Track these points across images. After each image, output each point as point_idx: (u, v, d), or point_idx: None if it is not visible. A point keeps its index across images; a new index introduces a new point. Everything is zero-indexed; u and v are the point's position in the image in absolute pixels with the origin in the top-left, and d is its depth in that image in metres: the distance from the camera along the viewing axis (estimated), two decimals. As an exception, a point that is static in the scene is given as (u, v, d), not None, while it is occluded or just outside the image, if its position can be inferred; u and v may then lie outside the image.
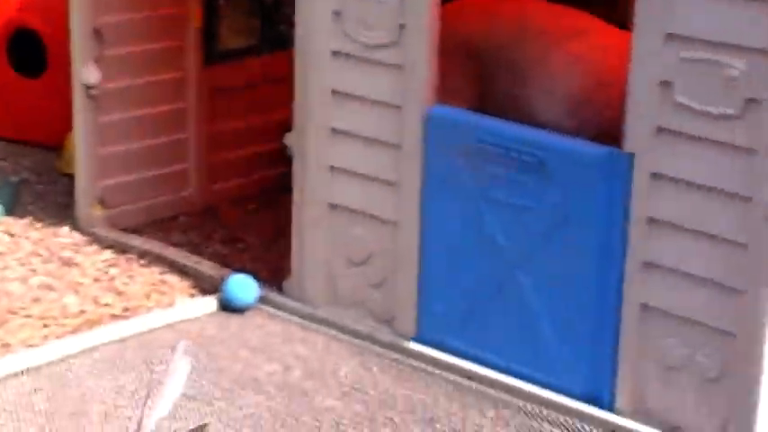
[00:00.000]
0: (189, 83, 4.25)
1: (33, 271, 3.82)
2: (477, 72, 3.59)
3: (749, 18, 2.67)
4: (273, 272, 3.87)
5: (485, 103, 3.53)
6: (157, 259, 3.92)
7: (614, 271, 3.01)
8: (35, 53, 4.72)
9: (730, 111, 2.73)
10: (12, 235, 4.06)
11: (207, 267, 3.86)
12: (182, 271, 3.86)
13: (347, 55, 3.39)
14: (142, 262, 3.91)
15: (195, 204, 4.33)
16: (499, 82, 3.54)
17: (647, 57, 2.83)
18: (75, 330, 3.47)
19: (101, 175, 4.10)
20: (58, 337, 3.43)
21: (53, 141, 4.65)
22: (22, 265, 3.85)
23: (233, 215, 4.22)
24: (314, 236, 3.57)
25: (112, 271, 3.86)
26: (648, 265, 2.95)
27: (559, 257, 3.09)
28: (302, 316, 3.60)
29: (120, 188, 4.15)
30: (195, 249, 4.02)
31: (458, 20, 3.57)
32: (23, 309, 3.58)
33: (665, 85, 2.82)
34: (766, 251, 2.74)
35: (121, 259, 3.93)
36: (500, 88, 3.55)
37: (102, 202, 4.12)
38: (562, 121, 3.37)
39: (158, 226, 4.18)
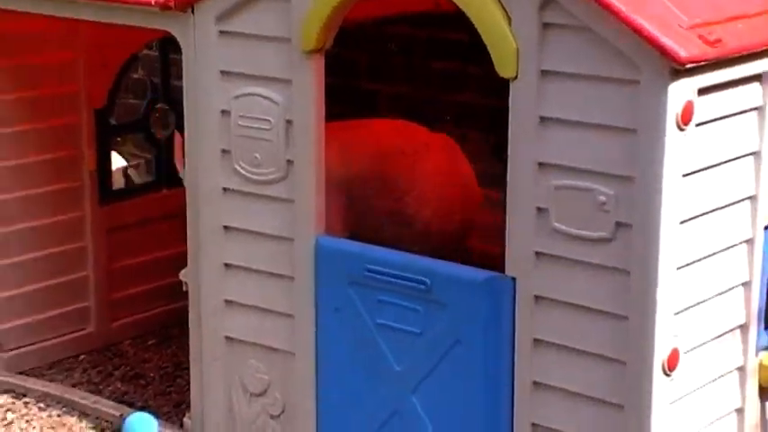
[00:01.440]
0: (86, 222, 4.22)
1: (-71, 420, 3.72)
2: (344, 200, 3.65)
3: (615, 147, 2.74)
4: (176, 407, 3.81)
5: (364, 224, 3.63)
6: (57, 401, 3.84)
7: (504, 391, 3.01)
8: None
9: (603, 234, 2.78)
10: None
11: (107, 406, 3.79)
12: (82, 412, 3.78)
13: (237, 191, 3.40)
14: (41, 405, 3.83)
15: (96, 342, 4.27)
16: (372, 200, 3.71)
17: (522, 185, 2.88)
18: (-28, 480, 3.37)
19: (-2, 318, 4.04)
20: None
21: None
22: None
23: None
24: (211, 370, 3.53)
25: (10, 416, 3.76)
26: (537, 385, 2.96)
27: (451, 380, 3.09)
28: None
29: (18, 330, 4.08)
30: (95, 388, 3.95)
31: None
32: None
33: (542, 211, 2.87)
34: (643, 368, 2.76)
35: (19, 404, 3.84)
36: (376, 205, 3.70)
37: (0, 346, 4.03)
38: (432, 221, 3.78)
39: (59, 366, 4.10)
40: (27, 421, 3.74)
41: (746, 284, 3.01)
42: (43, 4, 3.67)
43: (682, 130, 2.68)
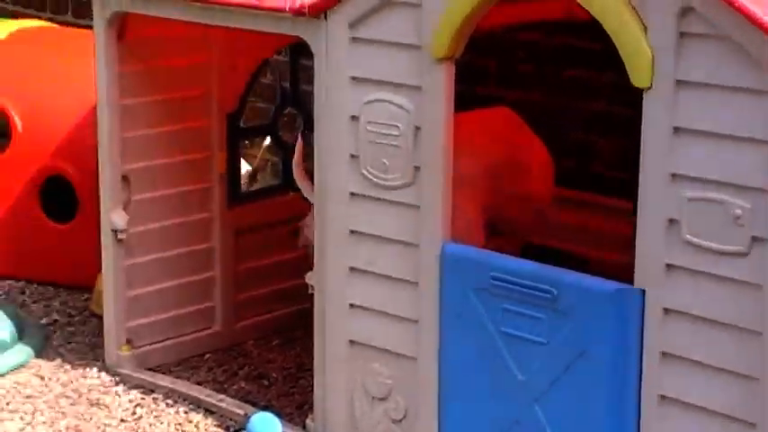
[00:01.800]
0: (214, 223, 4.28)
1: (63, 414, 3.80)
2: (480, 195, 3.72)
3: (751, 159, 2.67)
4: (298, 408, 3.84)
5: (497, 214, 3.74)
6: (183, 398, 3.90)
7: (630, 404, 2.96)
8: (66, 199, 4.77)
9: (737, 248, 2.71)
10: (41, 377, 4.04)
11: (231, 405, 3.83)
12: (207, 409, 3.84)
13: (364, 196, 3.41)
14: (168, 401, 3.89)
15: (221, 342, 4.32)
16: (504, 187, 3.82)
17: (654, 196, 2.83)
18: (101, 472, 3.45)
19: (128, 315, 4.11)
20: (84, 480, 3.40)
21: (83, 282, 4.67)
22: (51, 407, 3.83)
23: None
24: (335, 373, 3.55)
25: (139, 411, 3.83)
26: (663, 399, 2.90)
27: (575, 391, 3.05)
28: (325, 453, 3.56)
29: (147, 328, 4.15)
30: (220, 387, 4.00)
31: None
32: (49, 452, 3.57)
33: (673, 223, 2.81)
34: (778, 386, 2.70)
35: (148, 399, 3.91)
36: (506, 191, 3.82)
37: (130, 342, 4.11)
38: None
39: (185, 364, 4.16)
40: (155, 417, 3.80)
41: None
42: (178, 9, 3.74)
43: (821, 143, 2.61)
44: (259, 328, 4.41)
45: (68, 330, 4.44)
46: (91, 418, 3.76)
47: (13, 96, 4.79)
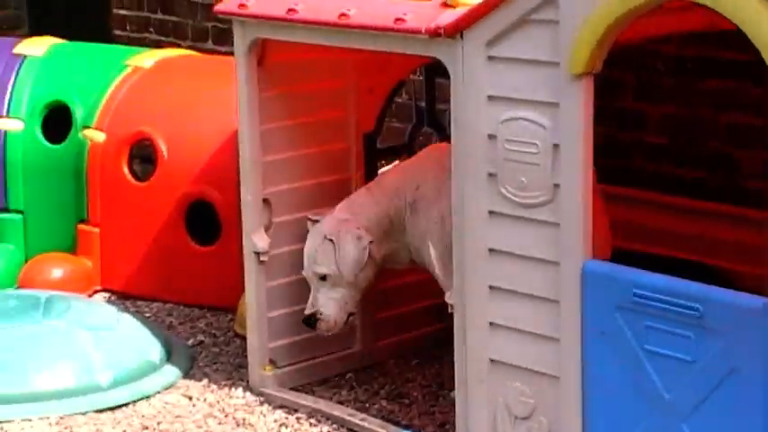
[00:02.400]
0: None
1: (210, 433, 3.86)
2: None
3: None
4: (439, 427, 3.81)
5: None
6: (326, 417, 3.91)
7: (784, 423, 2.86)
8: (210, 223, 4.85)
9: None
10: (189, 398, 4.11)
11: (373, 424, 3.83)
12: (350, 429, 3.84)
13: (503, 214, 3.38)
14: (312, 421, 3.91)
15: (362, 361, 4.33)
16: None
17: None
18: (248, 491, 3.48)
19: (271, 336, 4.15)
20: (233, 499, 3.44)
21: (227, 304, 4.74)
22: (199, 427, 3.89)
23: None
24: (476, 392, 3.52)
25: (284, 431, 3.86)
26: (819, 417, 2.80)
27: (726, 410, 2.96)
28: (468, 472, 3.52)
29: (289, 348, 4.18)
30: (362, 406, 4.00)
31: None
32: (198, 471, 3.61)
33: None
34: None
35: (292, 419, 3.93)
36: None
37: (273, 363, 4.15)
38: None
39: (327, 384, 4.17)
40: (299, 436, 3.83)
41: None
42: (316, 34, 3.77)
43: None
44: (399, 347, 4.40)
45: (213, 351, 4.51)
46: (237, 438, 3.82)
47: (159, 124, 4.90)
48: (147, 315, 4.78)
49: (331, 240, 3.87)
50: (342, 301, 3.90)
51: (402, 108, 4.96)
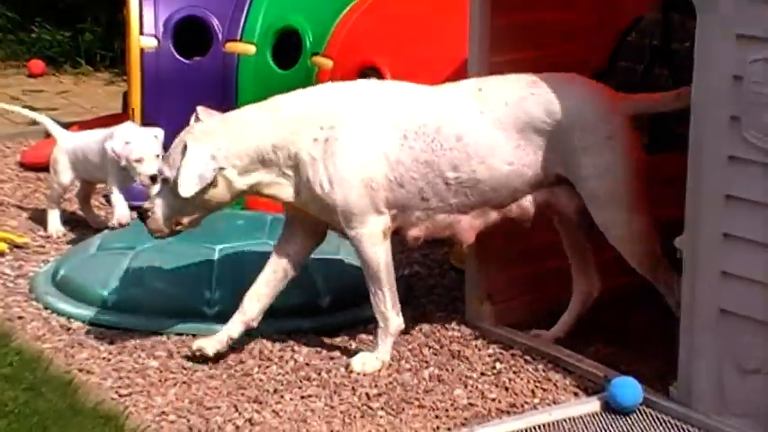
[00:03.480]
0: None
1: (425, 363, 3.82)
2: None
3: None
4: (658, 375, 3.68)
5: None
6: (541, 356, 3.83)
7: None
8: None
9: None
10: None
11: (590, 366, 3.73)
12: (565, 369, 3.76)
13: (744, 160, 3.20)
14: (527, 358, 3.84)
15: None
16: None
17: None
18: (463, 423, 3.43)
19: (489, 270, 4.08)
20: (448, 430, 3.40)
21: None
22: (415, 356, 3.87)
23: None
24: (702, 341, 3.37)
25: (498, 366, 3.80)
26: None
27: None
28: (690, 423, 3.39)
29: (507, 284, 4.11)
30: (578, 347, 3.90)
31: None
32: (417, 399, 3.58)
33: None
34: None
35: (507, 355, 3.87)
36: None
37: (490, 298, 4.08)
38: None
39: (543, 322, 4.08)
40: (515, 372, 3.76)
41: None
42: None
43: None
44: (617, 291, 4.26)
45: (429, 282, 4.48)
46: (452, 370, 3.77)
47: (387, 54, 4.85)
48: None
49: (185, 148, 3.57)
50: (172, 210, 3.63)
51: (634, 47, 4.76)
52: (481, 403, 3.56)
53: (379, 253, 3.67)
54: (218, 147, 3.60)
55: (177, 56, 5.27)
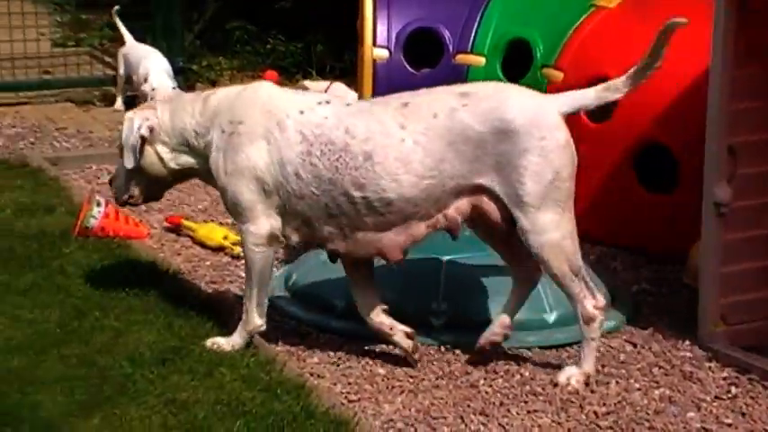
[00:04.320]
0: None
1: (656, 383, 3.69)
2: None
3: None
4: None
5: None
6: (779, 382, 3.65)
7: None
8: (662, 169, 4.65)
9: None
10: (634, 345, 3.97)
11: (833, 396, 3.52)
12: (805, 397, 3.56)
13: None
14: (765, 383, 3.65)
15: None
16: None
17: None
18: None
19: (724, 291, 3.91)
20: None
21: (673, 253, 4.53)
22: (645, 375, 3.74)
23: None
24: None
25: (734, 390, 3.63)
26: None
27: None
28: None
29: (742, 305, 3.93)
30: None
31: None
32: (647, 420, 3.46)
33: None
34: None
35: (743, 379, 3.70)
36: None
37: (724, 319, 3.91)
38: None
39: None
40: (752, 398, 3.59)
41: None
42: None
43: None
44: None
45: (659, 300, 4.33)
46: (684, 392, 3.63)
47: (617, 64, 4.72)
48: (591, 258, 4.67)
49: (130, 119, 3.87)
50: (126, 180, 3.91)
51: None
52: (716, 428, 3.42)
53: (257, 254, 3.72)
54: (154, 120, 3.86)
55: (408, 67, 5.30)
